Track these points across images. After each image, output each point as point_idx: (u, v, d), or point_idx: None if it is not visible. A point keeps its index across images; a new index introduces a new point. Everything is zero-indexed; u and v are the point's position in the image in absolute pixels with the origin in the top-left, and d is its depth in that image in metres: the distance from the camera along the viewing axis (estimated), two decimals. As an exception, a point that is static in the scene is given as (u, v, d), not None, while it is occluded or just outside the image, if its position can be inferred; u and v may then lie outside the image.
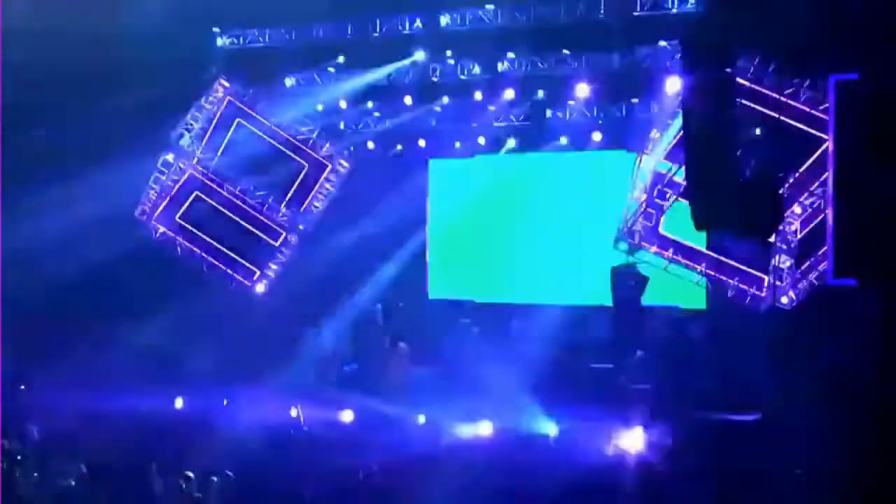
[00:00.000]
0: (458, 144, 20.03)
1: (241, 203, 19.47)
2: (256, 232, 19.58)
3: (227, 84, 19.00)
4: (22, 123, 17.36)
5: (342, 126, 20.21)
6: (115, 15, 17.30)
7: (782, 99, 15.49)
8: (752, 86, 15.47)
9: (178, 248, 19.46)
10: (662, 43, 16.27)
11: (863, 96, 13.12)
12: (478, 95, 18.44)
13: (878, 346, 13.67)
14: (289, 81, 19.30)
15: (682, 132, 13.02)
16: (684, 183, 14.83)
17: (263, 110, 19.13)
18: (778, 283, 15.99)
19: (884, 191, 13.21)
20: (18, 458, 12.71)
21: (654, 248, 17.00)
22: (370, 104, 19.45)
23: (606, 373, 17.12)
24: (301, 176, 19.54)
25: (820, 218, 15.49)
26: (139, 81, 17.95)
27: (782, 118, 15.38)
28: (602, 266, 16.74)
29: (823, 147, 15.17)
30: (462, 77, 18.16)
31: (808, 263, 16.10)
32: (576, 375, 17.12)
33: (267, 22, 18.53)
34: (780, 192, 13.67)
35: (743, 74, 15.09)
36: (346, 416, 16.36)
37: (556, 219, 19.08)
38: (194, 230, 19.49)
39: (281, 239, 19.70)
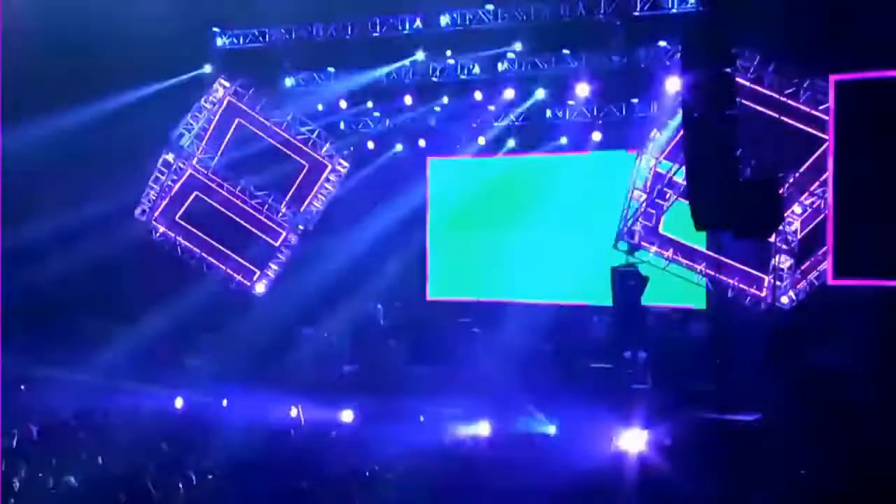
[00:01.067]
0: (458, 145, 20.03)
1: (241, 203, 19.46)
2: (256, 232, 19.58)
3: (227, 84, 18.99)
4: (21, 123, 17.34)
5: (342, 126, 20.21)
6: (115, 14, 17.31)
7: (782, 99, 15.49)
8: (752, 86, 15.46)
9: (178, 248, 19.46)
10: (662, 43, 16.26)
11: (863, 96, 13.13)
12: (478, 95, 18.44)
13: (878, 346, 13.68)
14: (289, 81, 19.30)
15: (682, 132, 13.02)
16: (684, 183, 14.85)
17: (263, 110, 19.13)
18: (778, 283, 15.98)
19: (884, 191, 13.21)
20: (18, 457, 12.68)
21: (654, 248, 17.00)
22: (370, 104, 19.44)
23: (606, 373, 17.10)
24: (301, 176, 19.54)
25: (820, 218, 15.49)
26: (139, 80, 17.98)
27: (782, 118, 15.37)
28: (602, 266, 16.72)
29: (823, 147, 15.17)
30: (462, 77, 18.14)
31: (808, 263, 16.09)
32: (576, 375, 17.10)
33: (267, 21, 18.51)
34: (780, 192, 13.67)
35: (743, 74, 15.09)
36: (346, 416, 16.34)
37: (556, 218, 19.06)
38: (194, 230, 19.49)
39: (281, 239, 19.71)
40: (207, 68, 19.02)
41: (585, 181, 19.11)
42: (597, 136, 18.81)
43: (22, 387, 17.01)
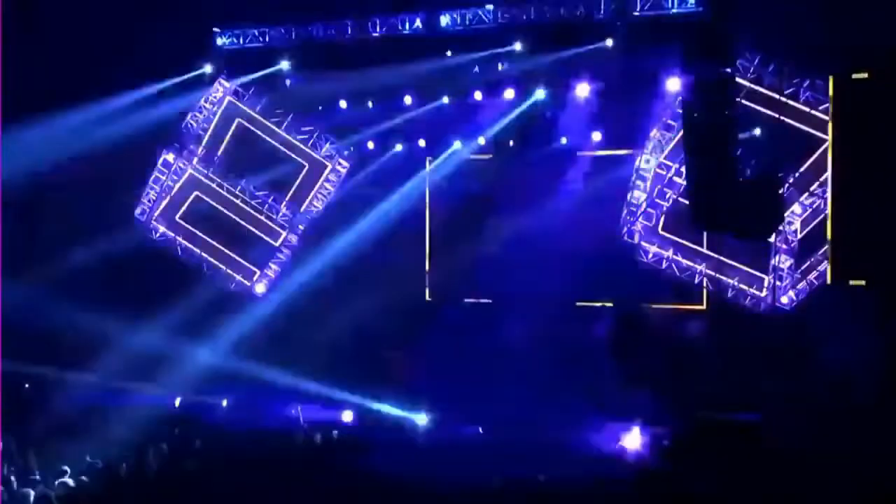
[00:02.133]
0: (458, 144, 20.00)
1: (241, 203, 19.47)
2: (256, 232, 19.59)
3: (227, 84, 18.99)
4: (22, 122, 17.33)
5: (342, 126, 20.18)
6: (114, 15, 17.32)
7: (782, 99, 15.49)
8: (752, 86, 15.47)
9: (178, 248, 19.47)
10: (662, 43, 16.24)
11: (863, 96, 13.13)
12: (478, 95, 18.42)
13: (877, 346, 13.68)
14: (289, 81, 19.29)
15: (682, 132, 13.04)
16: (684, 183, 14.86)
17: (263, 110, 19.12)
18: (778, 283, 16.00)
19: (883, 191, 13.21)
20: (18, 458, 12.70)
21: (654, 248, 17.02)
22: (370, 104, 19.42)
23: (606, 373, 17.11)
24: (301, 176, 19.56)
25: (820, 218, 15.50)
26: (139, 80, 17.97)
27: (782, 118, 15.38)
28: (602, 266, 16.76)
29: (823, 147, 15.18)
30: (462, 76, 18.12)
31: (808, 263, 16.10)
32: (575, 375, 17.10)
33: (266, 21, 18.51)
34: (781, 192, 13.69)
35: (743, 74, 15.10)
36: (346, 416, 16.38)
37: (556, 219, 19.02)
38: (194, 230, 19.51)
39: (281, 239, 19.72)
40: (207, 68, 19.01)
41: (585, 181, 19.08)
42: (597, 136, 18.78)
43: (26, 385, 17.05)
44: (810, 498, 11.65)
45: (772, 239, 15.17)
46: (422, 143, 20.26)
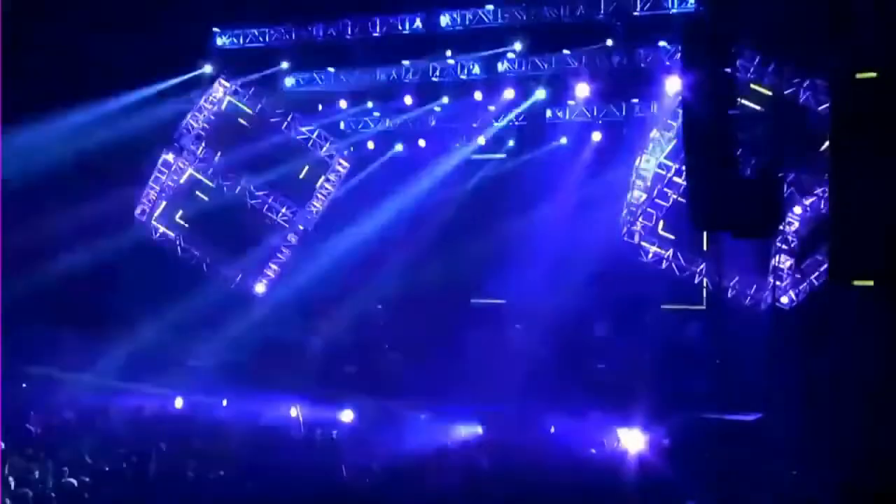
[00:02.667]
0: (458, 144, 20.01)
1: (241, 203, 19.46)
2: (256, 232, 19.58)
3: (227, 84, 18.98)
4: (21, 122, 17.34)
5: (342, 126, 20.20)
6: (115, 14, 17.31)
7: (782, 99, 15.49)
8: (753, 85, 15.47)
9: (178, 248, 19.46)
10: (662, 43, 16.25)
11: (862, 95, 13.09)
12: (478, 95, 18.42)
13: (877, 346, 13.66)
14: (289, 81, 19.28)
15: (682, 132, 13.03)
16: (684, 183, 14.85)
17: (263, 110, 19.12)
18: (778, 283, 15.99)
19: (883, 191, 13.19)
20: (18, 457, 12.68)
21: (654, 248, 17.02)
22: (370, 104, 19.43)
23: (606, 373, 17.12)
24: (301, 176, 19.56)
25: (820, 218, 15.50)
26: (139, 81, 17.97)
27: (782, 118, 15.37)
28: (602, 266, 16.75)
29: (823, 147, 15.16)
30: (462, 77, 18.12)
31: (807, 263, 16.10)
32: (576, 375, 17.12)
33: (266, 21, 18.50)
34: (781, 191, 13.68)
35: (743, 73, 15.09)
36: (346, 416, 16.37)
37: (556, 219, 19.04)
38: (194, 230, 19.50)
39: (281, 239, 19.71)
40: (207, 68, 19.00)
41: (585, 181, 19.08)
42: (597, 136, 18.80)
43: (24, 384, 17.03)
44: (809, 497, 11.66)
45: (772, 239, 15.17)
46: (422, 143, 20.31)
